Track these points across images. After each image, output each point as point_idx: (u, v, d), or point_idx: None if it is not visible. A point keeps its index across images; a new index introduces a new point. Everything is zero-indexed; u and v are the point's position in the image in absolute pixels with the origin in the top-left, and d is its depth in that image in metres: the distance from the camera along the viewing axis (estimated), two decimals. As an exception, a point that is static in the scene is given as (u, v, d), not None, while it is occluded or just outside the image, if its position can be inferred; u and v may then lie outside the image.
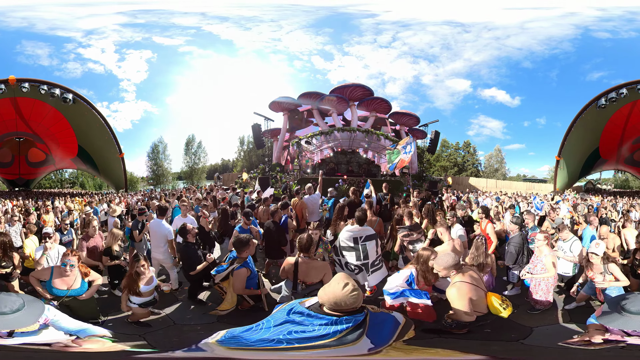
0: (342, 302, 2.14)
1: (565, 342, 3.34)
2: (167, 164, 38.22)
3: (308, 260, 3.88)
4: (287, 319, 2.23)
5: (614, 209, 12.28)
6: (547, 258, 4.52)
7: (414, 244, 5.07)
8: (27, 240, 5.81)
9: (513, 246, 5.23)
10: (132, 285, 4.16)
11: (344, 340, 2.08)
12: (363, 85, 22.41)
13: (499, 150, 41.60)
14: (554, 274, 4.53)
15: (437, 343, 3.47)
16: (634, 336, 2.54)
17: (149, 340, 3.90)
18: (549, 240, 4.66)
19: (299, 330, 2.13)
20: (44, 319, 2.69)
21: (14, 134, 24.52)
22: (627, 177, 35.79)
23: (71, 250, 4.30)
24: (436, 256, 3.82)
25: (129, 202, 13.60)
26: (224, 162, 47.75)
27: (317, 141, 19.62)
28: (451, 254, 3.50)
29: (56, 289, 4.01)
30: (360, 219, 4.64)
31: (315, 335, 2.10)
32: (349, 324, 2.12)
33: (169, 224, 5.99)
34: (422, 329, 3.65)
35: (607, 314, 2.69)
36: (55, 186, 37.77)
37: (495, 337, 3.87)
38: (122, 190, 24.16)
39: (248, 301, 4.10)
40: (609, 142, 23.43)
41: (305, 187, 8.17)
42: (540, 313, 4.64)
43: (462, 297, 3.26)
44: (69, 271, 3.99)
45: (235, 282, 3.94)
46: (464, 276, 3.40)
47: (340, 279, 2.24)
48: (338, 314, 2.17)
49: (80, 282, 4.18)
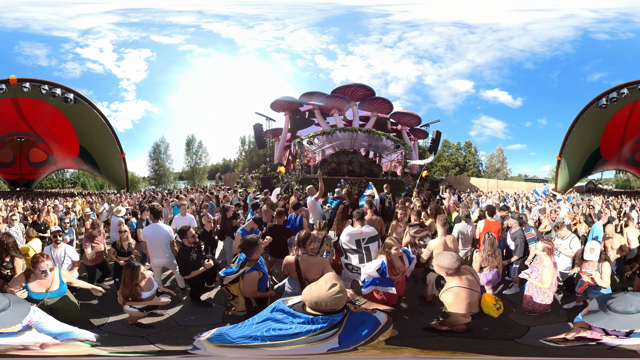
0: (322, 303, 2.13)
1: (545, 339, 3.36)
2: (169, 164, 38.23)
3: (307, 257, 3.91)
4: (269, 317, 2.27)
5: (615, 208, 12.27)
6: (546, 270, 4.45)
7: (424, 240, 5.18)
8: (31, 243, 5.78)
9: (520, 239, 5.38)
10: (133, 295, 4.14)
11: (312, 339, 2.10)
12: (364, 85, 22.44)
13: (501, 150, 41.64)
14: (548, 287, 4.47)
15: (431, 342, 3.49)
16: (611, 335, 2.59)
17: (153, 342, 3.89)
18: (550, 252, 4.54)
19: (277, 327, 2.17)
20: (27, 321, 2.65)
21: (15, 134, 24.53)
22: (629, 177, 35.78)
23: (43, 254, 4.09)
24: (399, 247, 3.92)
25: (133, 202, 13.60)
26: (226, 162, 47.78)
27: (319, 141, 19.64)
28: (451, 255, 3.43)
29: (33, 292, 3.90)
30: (359, 215, 4.65)
31: (288, 333, 2.13)
32: (324, 323, 2.13)
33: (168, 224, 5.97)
34: (423, 328, 3.68)
35: (593, 313, 2.72)
36: (56, 186, 37.78)
37: (491, 336, 3.90)
38: (123, 190, 24.16)
39: (253, 304, 4.05)
40: (610, 142, 23.39)
41: (306, 188, 8.22)
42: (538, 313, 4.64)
43: (460, 302, 3.22)
44: (49, 274, 3.92)
45: (247, 286, 3.85)
46: (461, 280, 3.31)
47: (329, 279, 2.23)
48: (316, 313, 2.17)
49: (59, 283, 4.09)
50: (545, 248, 4.51)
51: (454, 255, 3.43)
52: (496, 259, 4.67)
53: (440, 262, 3.34)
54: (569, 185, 24.56)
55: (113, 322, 4.43)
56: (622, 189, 32.90)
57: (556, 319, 4.53)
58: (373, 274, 3.82)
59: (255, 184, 18.83)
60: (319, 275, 3.76)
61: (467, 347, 3.35)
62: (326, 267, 3.85)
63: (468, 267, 3.68)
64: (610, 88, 20.17)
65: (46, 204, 13.12)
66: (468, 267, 3.68)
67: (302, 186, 14.61)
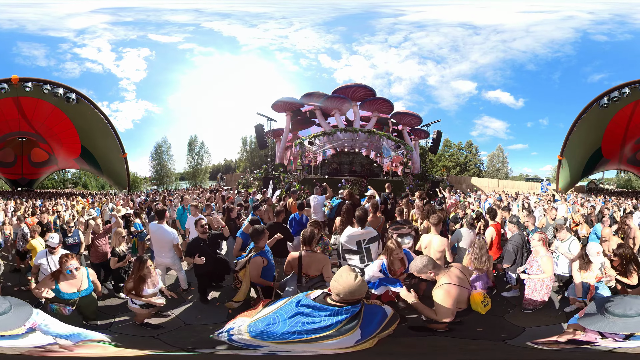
0: (355, 292, 2.36)
1: (533, 341, 3.40)
2: (171, 165, 38.23)
3: (310, 253, 4.05)
4: (297, 311, 2.48)
5: (617, 208, 12.27)
6: (544, 259, 4.51)
7: (403, 237, 5.14)
8: (34, 241, 5.83)
9: (511, 245, 5.17)
10: (136, 289, 4.17)
11: (342, 330, 2.33)
12: (365, 86, 22.46)
13: (501, 149, 41.64)
14: (550, 275, 4.52)
15: (419, 341, 3.54)
16: (608, 338, 2.56)
17: (164, 341, 3.93)
18: (545, 241, 4.64)
19: (309, 321, 2.38)
20: (31, 323, 2.66)
21: (16, 134, 24.56)
22: (630, 177, 35.75)
23: (69, 254, 4.16)
24: (400, 250, 4.01)
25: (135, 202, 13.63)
26: (227, 162, 47.79)
27: (320, 141, 19.67)
28: (420, 257, 3.53)
29: (65, 293, 4.00)
30: (360, 218, 4.60)
31: (322, 326, 2.34)
32: (347, 314, 2.36)
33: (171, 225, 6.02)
34: (409, 327, 3.69)
35: (589, 316, 2.69)
36: (58, 186, 37.81)
37: (482, 337, 3.94)
38: (124, 191, 24.21)
39: (260, 295, 4.17)
40: (612, 142, 23.36)
41: (314, 189, 8.47)
42: (537, 314, 4.64)
43: (449, 299, 3.27)
44: (76, 274, 4.01)
45: (252, 270, 4.04)
46: (450, 277, 3.39)
47: (349, 270, 2.47)
48: (339, 305, 2.40)
49: (88, 282, 4.22)
50: (540, 238, 4.61)
51: (418, 257, 3.56)
52: (483, 264, 4.57)
53: (412, 264, 3.49)
54: (570, 185, 24.57)
55: (120, 323, 4.45)
56: (623, 189, 32.88)
57: (553, 321, 4.53)
58: (377, 274, 3.85)
59: (257, 185, 18.86)
60: (319, 272, 3.98)
61: (452, 346, 3.39)
62: (326, 265, 4.03)
63: (459, 265, 3.76)
64: (612, 87, 20.15)
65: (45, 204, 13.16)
66: (459, 265, 3.76)
67: (304, 187, 14.66)
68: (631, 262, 4.47)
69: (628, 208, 12.23)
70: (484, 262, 4.58)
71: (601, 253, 4.44)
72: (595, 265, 4.44)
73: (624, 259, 4.52)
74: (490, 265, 4.69)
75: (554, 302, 5.00)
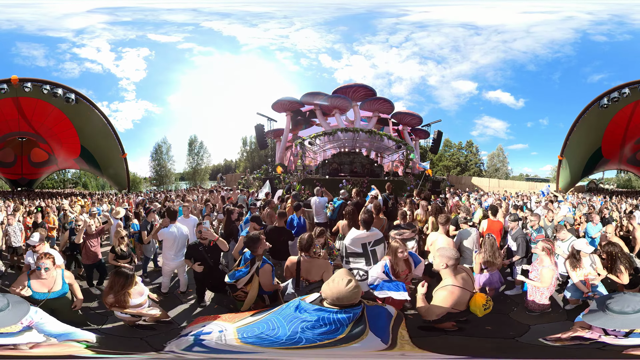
0: (344, 298, 2.34)
1: (544, 338, 3.39)
2: (171, 165, 38.17)
3: (309, 259, 3.98)
4: (296, 316, 2.43)
5: (616, 208, 12.26)
6: (546, 270, 4.47)
7: (406, 242, 5.05)
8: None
9: (521, 239, 5.37)
10: (120, 302, 3.86)
11: (352, 334, 2.31)
12: (365, 86, 22.43)
13: (501, 149, 41.67)
14: (547, 286, 4.49)
15: (430, 340, 3.48)
16: (610, 335, 2.62)
17: (150, 343, 3.86)
18: (549, 252, 4.54)
19: (310, 326, 2.33)
20: (28, 321, 2.66)
21: (16, 134, 24.52)
22: (630, 177, 35.78)
23: (44, 253, 4.06)
24: (404, 250, 3.97)
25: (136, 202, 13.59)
26: (227, 162, 47.74)
27: (320, 141, 19.63)
28: (454, 251, 3.52)
29: (35, 292, 3.87)
30: (365, 221, 4.52)
31: (326, 330, 2.30)
32: (349, 314, 2.34)
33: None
34: (418, 327, 3.62)
35: (592, 313, 2.76)
36: (57, 186, 37.77)
37: (493, 335, 3.98)
38: (124, 191, 24.18)
39: (265, 301, 4.07)
40: (612, 142, 23.38)
41: (315, 190, 8.42)
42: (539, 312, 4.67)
43: (450, 300, 3.25)
44: (44, 274, 3.86)
45: (264, 279, 3.92)
46: (456, 279, 3.35)
47: (344, 275, 2.43)
48: (337, 308, 2.36)
49: (62, 284, 4.06)
50: (544, 248, 4.54)
51: (457, 253, 3.51)
52: (497, 260, 4.69)
53: (443, 251, 3.45)
54: (571, 185, 24.58)
55: (113, 323, 4.38)
56: (623, 189, 32.90)
57: (556, 318, 4.57)
58: (381, 276, 3.82)
59: (257, 185, 18.84)
60: (319, 278, 3.87)
61: (468, 345, 3.39)
62: (327, 271, 3.88)
63: (464, 267, 3.74)
64: (612, 88, 20.16)
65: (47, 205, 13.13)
66: (464, 267, 3.74)
67: (304, 187, 14.64)
68: (618, 260, 4.54)
69: (628, 208, 12.22)
70: (497, 257, 4.68)
71: (588, 251, 4.56)
72: (586, 262, 4.56)
73: (611, 257, 4.60)
74: (501, 261, 4.79)
75: (557, 300, 5.03)
